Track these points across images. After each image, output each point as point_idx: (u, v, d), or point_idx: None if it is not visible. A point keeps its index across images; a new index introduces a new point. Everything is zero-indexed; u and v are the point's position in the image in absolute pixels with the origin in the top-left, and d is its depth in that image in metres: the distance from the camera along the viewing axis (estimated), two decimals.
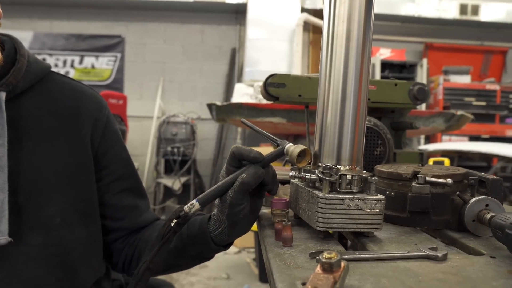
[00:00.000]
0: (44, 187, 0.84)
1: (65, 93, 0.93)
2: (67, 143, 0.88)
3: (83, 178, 0.89)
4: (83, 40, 5.87)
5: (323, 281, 0.44)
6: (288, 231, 0.66)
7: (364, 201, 0.67)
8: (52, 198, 0.84)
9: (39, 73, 0.89)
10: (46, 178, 0.84)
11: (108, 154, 0.96)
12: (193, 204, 0.71)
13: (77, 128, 0.91)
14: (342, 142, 0.71)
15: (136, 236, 0.98)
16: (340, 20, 0.71)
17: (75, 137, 0.90)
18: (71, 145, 0.89)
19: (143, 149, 5.69)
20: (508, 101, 5.60)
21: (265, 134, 0.82)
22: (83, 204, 0.89)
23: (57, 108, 0.90)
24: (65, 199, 0.86)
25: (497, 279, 0.52)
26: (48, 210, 0.83)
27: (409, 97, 1.23)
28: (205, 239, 0.81)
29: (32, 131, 0.85)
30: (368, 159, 1.12)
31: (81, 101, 0.94)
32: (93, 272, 0.91)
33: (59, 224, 0.84)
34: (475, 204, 0.71)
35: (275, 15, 5.21)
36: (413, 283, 0.50)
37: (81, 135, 0.91)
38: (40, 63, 0.91)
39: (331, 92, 0.72)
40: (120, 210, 0.97)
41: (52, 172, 0.85)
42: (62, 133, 0.88)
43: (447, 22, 5.96)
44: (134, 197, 1.00)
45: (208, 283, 3.33)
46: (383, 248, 0.65)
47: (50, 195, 0.84)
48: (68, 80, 0.96)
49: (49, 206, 0.83)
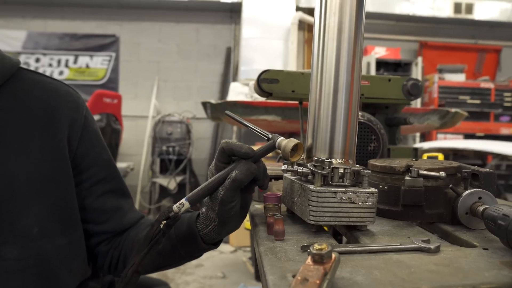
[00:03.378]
0: (19, 197, 0.77)
1: (37, 93, 0.85)
2: (41, 148, 0.82)
3: (60, 184, 0.83)
4: (77, 40, 5.84)
5: (313, 272, 0.44)
6: (280, 224, 0.65)
7: (356, 194, 0.66)
8: (28, 208, 0.78)
9: (6, 71, 0.81)
10: (20, 187, 0.78)
11: (88, 156, 0.90)
12: (182, 203, 0.68)
13: (52, 132, 0.84)
14: (335, 135, 0.70)
15: (121, 238, 0.94)
16: (332, 12, 0.70)
17: (49, 142, 0.83)
18: (45, 150, 0.82)
19: (138, 149, 5.67)
20: (502, 99, 5.62)
21: (254, 128, 0.79)
22: (63, 212, 0.83)
23: (29, 110, 0.82)
24: (42, 208, 0.80)
25: (489, 270, 0.51)
26: (24, 221, 0.77)
27: (403, 92, 1.23)
28: (195, 238, 0.78)
29: (3, 137, 0.78)
30: (362, 154, 1.11)
31: (55, 101, 0.87)
32: (75, 277, 0.86)
33: (36, 234, 0.78)
34: (468, 196, 0.70)
35: (270, 14, 5.20)
36: (405, 275, 0.50)
37: (57, 139, 0.84)
38: (8, 59, 0.83)
39: (323, 85, 0.71)
40: (103, 213, 0.92)
41: (26, 180, 0.79)
42: (35, 138, 0.82)
43: (442, 21, 5.98)
44: (117, 198, 0.95)
45: (204, 282, 3.32)
46: (375, 241, 0.65)
47: (25, 205, 0.78)
48: (40, 77, 0.88)
49: (26, 216, 0.78)
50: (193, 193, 0.70)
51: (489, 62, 6.39)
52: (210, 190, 0.71)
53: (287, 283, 0.48)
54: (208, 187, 0.70)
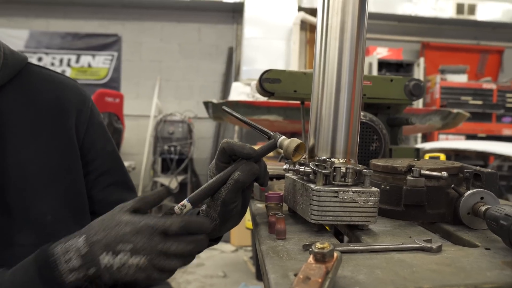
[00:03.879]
0: (32, 184, 0.80)
1: (46, 85, 0.89)
2: (52, 137, 0.85)
3: (71, 172, 0.86)
4: (80, 39, 5.84)
5: (315, 270, 0.44)
6: (281, 223, 0.65)
7: (358, 194, 0.66)
8: (42, 195, 0.81)
9: (17, 66, 0.85)
10: (33, 174, 0.81)
11: (93, 148, 0.93)
12: (184, 205, 0.67)
13: (62, 121, 0.87)
14: (337, 134, 0.70)
15: None
16: (334, 12, 0.70)
17: (60, 131, 0.86)
18: (56, 139, 0.85)
19: (140, 148, 5.67)
20: (504, 100, 5.61)
21: (254, 126, 0.78)
22: (74, 200, 0.86)
23: (39, 101, 0.86)
24: (55, 196, 0.83)
25: (491, 269, 0.51)
26: (38, 208, 0.80)
27: (405, 92, 1.23)
28: None
29: (14, 127, 0.82)
30: (364, 154, 1.11)
31: (63, 93, 0.90)
32: None
33: (50, 221, 0.81)
34: (470, 197, 0.70)
35: (272, 14, 5.20)
36: (407, 274, 0.50)
37: (66, 128, 0.87)
38: (17, 55, 0.87)
39: (326, 84, 0.71)
40: (108, 205, 0.92)
41: (39, 168, 0.82)
42: (45, 128, 0.85)
43: (444, 22, 5.97)
44: (121, 191, 0.97)
45: (205, 281, 3.32)
46: (377, 240, 0.65)
47: (39, 192, 0.81)
48: (47, 71, 0.92)
49: (39, 204, 0.80)
50: (195, 194, 0.69)
51: (491, 63, 6.37)
52: (212, 190, 0.70)
53: (289, 281, 0.48)
54: (210, 187, 0.69)
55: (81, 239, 0.63)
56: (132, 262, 0.61)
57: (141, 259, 0.61)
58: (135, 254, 0.61)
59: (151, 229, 0.62)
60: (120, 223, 0.63)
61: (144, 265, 0.61)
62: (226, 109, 0.84)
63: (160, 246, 0.61)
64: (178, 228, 0.62)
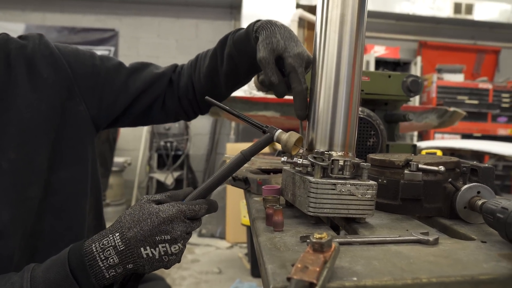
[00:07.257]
0: (31, 138, 0.83)
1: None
2: (31, 90, 0.86)
3: (53, 122, 0.88)
4: (76, 33, 5.81)
5: (313, 260, 0.44)
6: (279, 215, 0.65)
7: (356, 187, 0.66)
8: (39, 146, 0.84)
9: None
10: (30, 128, 0.83)
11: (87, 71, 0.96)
12: None
13: (36, 73, 0.87)
14: (335, 127, 0.70)
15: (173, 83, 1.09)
16: (334, 5, 0.70)
17: (36, 83, 0.87)
18: (34, 91, 0.86)
19: (136, 144, 5.66)
20: (500, 100, 5.64)
21: (248, 119, 0.78)
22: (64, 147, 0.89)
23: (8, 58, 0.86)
24: (48, 144, 0.86)
25: (487, 261, 0.51)
26: (38, 159, 0.84)
27: (403, 89, 1.23)
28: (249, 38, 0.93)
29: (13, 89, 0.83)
30: (361, 149, 1.11)
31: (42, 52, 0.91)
32: (84, 215, 0.92)
33: (46, 169, 0.85)
34: (467, 191, 0.71)
35: (270, 10, 5.19)
36: (404, 265, 0.50)
37: (43, 78, 0.87)
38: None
39: (325, 77, 0.71)
40: (141, 90, 1.03)
41: (34, 122, 0.84)
42: (21, 83, 0.85)
43: (441, 21, 5.98)
44: (138, 73, 1.06)
45: (200, 277, 3.32)
46: (374, 233, 0.65)
47: (36, 144, 0.84)
48: None
49: (38, 154, 0.84)
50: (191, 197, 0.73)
51: (487, 63, 6.40)
52: (211, 189, 0.73)
53: (287, 271, 0.48)
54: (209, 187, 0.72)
55: (117, 236, 0.65)
56: (172, 251, 0.66)
57: (179, 245, 0.67)
58: (173, 244, 0.66)
59: (183, 216, 0.67)
60: (151, 214, 0.66)
61: (181, 249, 0.68)
62: (209, 99, 0.84)
63: (190, 229, 0.68)
64: (205, 213, 0.70)
